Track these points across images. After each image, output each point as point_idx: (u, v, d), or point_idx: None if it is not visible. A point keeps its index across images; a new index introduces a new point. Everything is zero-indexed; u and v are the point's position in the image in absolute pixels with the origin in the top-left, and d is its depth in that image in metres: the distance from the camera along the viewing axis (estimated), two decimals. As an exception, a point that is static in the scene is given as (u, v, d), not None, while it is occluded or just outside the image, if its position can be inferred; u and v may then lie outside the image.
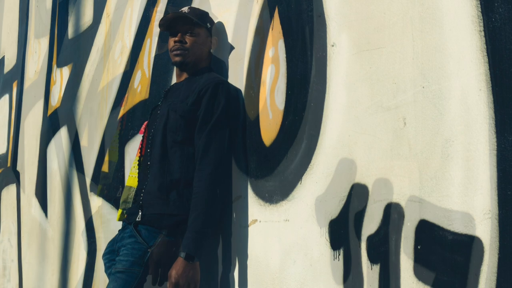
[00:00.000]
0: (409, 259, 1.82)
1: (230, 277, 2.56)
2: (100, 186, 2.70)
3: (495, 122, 1.64)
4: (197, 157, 2.48)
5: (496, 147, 1.63)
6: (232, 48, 2.72)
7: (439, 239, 1.73)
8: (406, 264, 1.83)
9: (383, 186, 1.93)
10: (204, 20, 2.72)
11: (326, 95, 2.18)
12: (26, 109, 5.21)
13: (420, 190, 1.81)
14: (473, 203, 1.66)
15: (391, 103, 1.93)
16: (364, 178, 2.00)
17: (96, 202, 3.77)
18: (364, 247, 1.97)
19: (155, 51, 3.16)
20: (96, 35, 4.03)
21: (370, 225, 1.96)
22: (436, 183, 1.77)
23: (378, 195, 1.94)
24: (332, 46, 2.18)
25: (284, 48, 2.41)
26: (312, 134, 2.22)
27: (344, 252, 2.05)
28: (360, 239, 1.99)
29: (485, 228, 1.62)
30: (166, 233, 2.44)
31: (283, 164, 2.34)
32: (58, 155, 4.41)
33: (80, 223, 3.96)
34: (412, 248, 1.81)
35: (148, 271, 2.43)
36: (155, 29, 3.32)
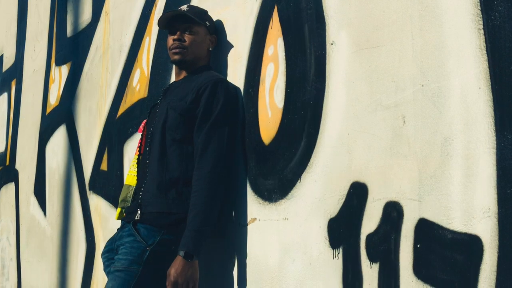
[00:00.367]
0: (408, 258, 1.81)
1: (229, 275, 2.56)
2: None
3: (494, 120, 1.63)
4: (196, 155, 2.48)
5: (495, 145, 1.62)
6: (231, 46, 2.72)
7: (438, 238, 1.73)
8: (405, 263, 1.82)
9: (382, 185, 1.93)
10: (203, 18, 2.71)
11: (325, 93, 2.18)
12: (25, 107, 5.20)
13: (420, 188, 1.80)
14: (472, 201, 1.66)
15: (391, 102, 1.93)
16: (364, 177, 2.00)
17: (94, 200, 3.76)
18: (363, 245, 1.97)
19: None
20: (95, 33, 4.03)
21: (370, 223, 1.96)
22: (435, 182, 1.76)
23: (378, 193, 1.94)
24: (331, 44, 2.18)
25: (283, 47, 2.41)
26: (311, 133, 2.22)
27: (343, 251, 2.05)
28: (359, 237, 1.98)
29: (484, 226, 1.62)
30: (165, 231, 2.44)
31: (282, 163, 2.34)
32: (57, 153, 4.40)
33: (78, 221, 3.96)
34: (412, 247, 1.81)
35: (148, 271, 2.42)
36: (154, 27, 3.31)
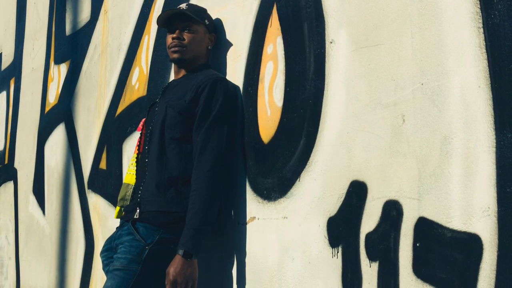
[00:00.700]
0: (408, 257, 1.81)
1: (228, 274, 2.55)
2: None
3: (494, 119, 1.63)
4: (195, 154, 2.48)
5: (495, 144, 1.62)
6: (230, 45, 2.71)
7: (438, 237, 1.73)
8: (405, 262, 1.82)
9: (381, 183, 1.93)
10: (202, 16, 2.71)
11: (325, 92, 2.18)
12: (24, 106, 5.20)
13: (419, 187, 1.80)
14: (472, 200, 1.65)
15: (390, 100, 1.93)
16: (363, 175, 2.00)
17: (93, 199, 3.76)
18: (362, 244, 1.97)
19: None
20: (94, 31, 4.02)
21: (369, 222, 1.95)
22: (435, 180, 1.76)
23: (377, 192, 1.94)
24: (331, 43, 2.18)
25: (282, 45, 2.40)
26: (311, 131, 2.22)
27: (342, 250, 2.04)
28: (358, 236, 1.98)
29: (484, 225, 1.62)
30: (164, 230, 2.44)
31: (281, 161, 2.33)
32: (56, 152, 4.40)
33: (77, 220, 3.96)
34: (411, 246, 1.81)
35: (147, 269, 2.42)
36: (153, 25, 3.31)
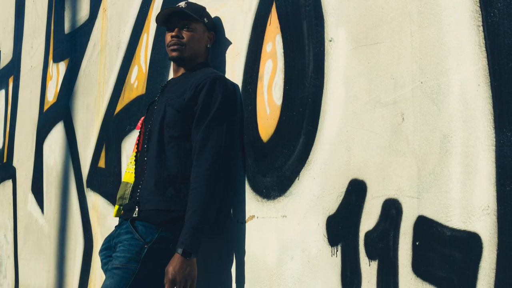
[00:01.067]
0: (407, 255, 1.81)
1: (228, 273, 2.55)
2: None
3: (493, 117, 1.63)
4: (194, 152, 2.47)
5: (494, 143, 1.62)
6: (229, 43, 2.71)
7: (437, 235, 1.73)
8: (404, 260, 1.82)
9: (381, 182, 1.92)
10: (201, 15, 2.70)
11: (324, 90, 2.17)
12: (22, 104, 5.19)
13: (419, 186, 1.80)
14: (471, 199, 1.65)
15: (389, 99, 1.92)
16: (362, 174, 1.99)
17: (92, 198, 3.76)
18: (362, 243, 1.96)
19: None
20: (93, 30, 4.02)
21: (368, 221, 1.95)
22: (434, 179, 1.76)
23: (376, 191, 1.93)
24: (330, 41, 2.17)
25: (281, 43, 2.40)
26: (310, 130, 2.21)
27: (342, 248, 2.04)
28: (358, 235, 1.98)
29: (483, 224, 1.61)
30: (163, 229, 2.43)
31: (280, 160, 2.33)
32: (55, 150, 4.40)
33: (76, 219, 3.95)
34: (411, 244, 1.80)
35: (146, 268, 2.41)
36: (152, 24, 3.30)
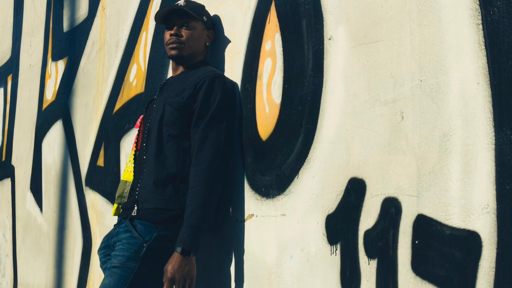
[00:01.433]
0: (406, 254, 1.81)
1: (227, 272, 2.55)
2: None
3: (493, 116, 1.63)
4: (193, 151, 2.47)
5: (494, 141, 1.62)
6: (228, 41, 2.71)
7: (437, 234, 1.73)
8: (403, 259, 1.82)
9: (380, 181, 1.92)
10: (200, 13, 2.70)
11: (323, 88, 2.17)
12: (21, 103, 5.18)
13: (418, 184, 1.80)
14: (471, 197, 1.65)
15: (389, 97, 1.92)
16: (362, 173, 1.99)
17: (91, 196, 3.75)
18: (361, 242, 1.96)
19: None
20: (92, 28, 4.01)
21: (368, 219, 1.95)
22: (434, 177, 1.76)
23: (376, 189, 1.93)
24: (329, 39, 2.17)
25: (280, 42, 2.40)
26: (309, 128, 2.21)
27: (341, 247, 2.04)
28: (357, 234, 1.98)
29: (483, 222, 1.61)
30: (162, 228, 2.43)
31: (279, 158, 2.33)
32: (53, 149, 4.39)
33: (75, 218, 3.95)
34: (410, 243, 1.80)
35: (145, 267, 2.41)
36: (151, 22, 3.29)
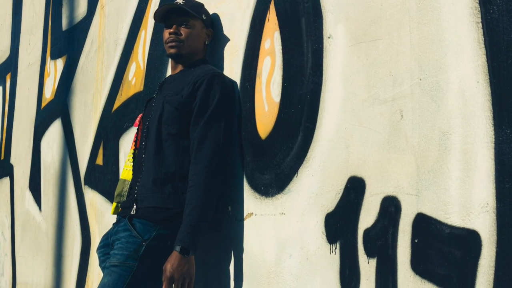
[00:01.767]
0: (406, 253, 1.81)
1: (226, 271, 2.55)
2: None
3: (492, 114, 1.63)
4: (192, 150, 2.47)
5: (494, 140, 1.61)
6: (227, 40, 2.70)
7: (436, 233, 1.72)
8: (403, 258, 1.82)
9: (380, 179, 1.92)
10: (200, 11, 2.70)
11: (323, 87, 2.17)
12: (20, 101, 5.18)
13: (417, 183, 1.80)
14: (470, 196, 1.65)
15: (388, 96, 1.92)
16: (361, 171, 1.99)
17: (90, 195, 3.75)
18: (360, 240, 1.96)
19: None
20: (91, 26, 4.00)
21: (367, 218, 1.95)
22: (433, 176, 1.75)
23: (375, 188, 1.93)
24: (329, 38, 2.17)
25: (280, 40, 2.39)
26: (308, 127, 2.21)
27: (340, 246, 2.04)
28: (356, 232, 1.97)
29: (483, 221, 1.61)
30: (161, 226, 2.43)
31: (279, 157, 2.32)
32: (52, 148, 4.39)
33: (74, 216, 3.95)
34: (409, 242, 1.80)
35: (144, 266, 2.41)
36: (150, 20, 3.29)
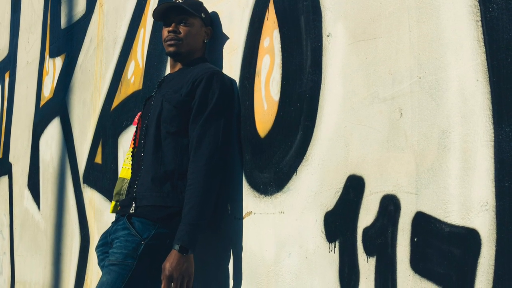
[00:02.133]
0: (405, 252, 1.80)
1: (225, 269, 2.54)
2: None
3: (492, 113, 1.62)
4: (191, 148, 2.46)
5: (493, 138, 1.61)
6: (226, 38, 2.70)
7: (435, 231, 1.72)
8: (402, 257, 1.81)
9: (379, 178, 1.92)
10: (199, 10, 2.69)
11: (322, 85, 2.16)
12: (19, 100, 5.17)
13: (417, 181, 1.79)
14: (470, 194, 1.65)
15: (388, 94, 1.92)
16: (360, 170, 1.98)
17: (89, 194, 3.74)
18: (360, 239, 1.96)
19: None
20: (89, 24, 4.00)
21: (366, 217, 1.94)
22: (432, 175, 1.75)
23: (374, 186, 1.93)
24: (328, 36, 2.16)
25: (279, 38, 2.39)
26: (308, 125, 2.20)
27: (339, 245, 2.04)
28: (356, 231, 1.97)
29: (482, 220, 1.61)
30: (160, 225, 2.43)
31: (278, 156, 2.32)
32: (51, 146, 4.38)
33: (73, 215, 3.94)
34: (409, 241, 1.80)
35: (143, 264, 2.40)
36: (149, 19, 3.29)
